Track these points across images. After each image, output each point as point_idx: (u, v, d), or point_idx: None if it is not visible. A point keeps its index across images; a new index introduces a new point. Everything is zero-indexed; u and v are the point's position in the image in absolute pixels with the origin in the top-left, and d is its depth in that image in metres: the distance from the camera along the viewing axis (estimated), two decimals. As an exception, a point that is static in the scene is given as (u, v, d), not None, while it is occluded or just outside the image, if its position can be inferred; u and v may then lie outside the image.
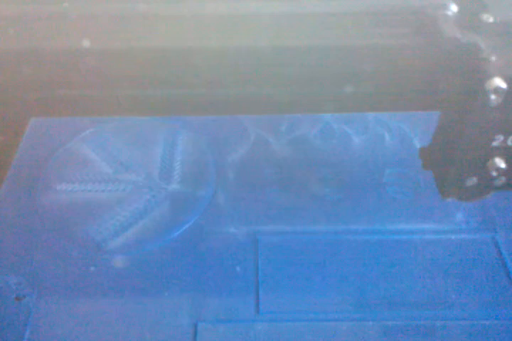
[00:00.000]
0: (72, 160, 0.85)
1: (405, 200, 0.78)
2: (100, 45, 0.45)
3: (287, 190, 0.80)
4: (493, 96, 0.41)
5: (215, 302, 0.67)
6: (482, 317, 0.65)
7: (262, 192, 0.80)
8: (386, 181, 0.80)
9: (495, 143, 0.47)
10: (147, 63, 0.46)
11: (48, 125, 0.91)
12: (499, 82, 0.40)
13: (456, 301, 0.66)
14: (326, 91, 0.48)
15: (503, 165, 0.48)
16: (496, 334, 0.63)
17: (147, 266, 0.71)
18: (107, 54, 0.46)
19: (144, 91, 0.50)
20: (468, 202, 0.76)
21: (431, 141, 0.55)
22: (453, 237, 0.73)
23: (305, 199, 0.78)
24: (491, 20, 0.43)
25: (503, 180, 0.50)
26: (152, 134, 0.88)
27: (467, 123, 0.46)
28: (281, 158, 0.85)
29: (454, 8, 0.44)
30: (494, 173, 0.48)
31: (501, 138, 0.46)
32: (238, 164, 0.84)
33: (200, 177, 0.82)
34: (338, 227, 0.74)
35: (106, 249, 0.73)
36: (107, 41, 0.45)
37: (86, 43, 0.44)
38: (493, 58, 0.42)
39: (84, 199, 0.79)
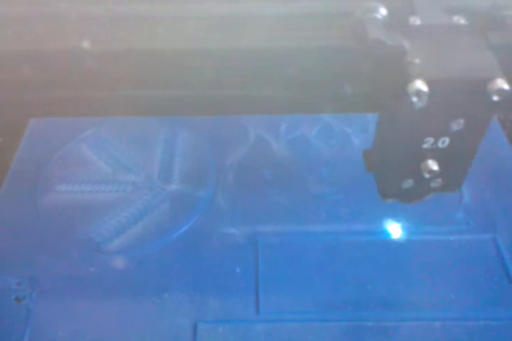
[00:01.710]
0: (72, 161, 0.85)
1: (405, 200, 0.78)
2: (100, 45, 0.45)
3: (287, 190, 0.80)
4: (414, 99, 0.41)
5: (215, 303, 0.67)
6: (482, 317, 0.65)
7: (262, 192, 0.80)
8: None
9: (426, 146, 0.47)
10: (147, 63, 0.47)
11: (47, 125, 0.91)
12: (420, 85, 0.40)
13: (456, 301, 0.66)
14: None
15: (435, 167, 0.48)
16: (496, 334, 0.63)
17: (147, 266, 0.71)
18: (107, 54, 0.46)
19: (143, 91, 0.50)
20: (468, 203, 0.77)
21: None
22: (453, 238, 0.73)
23: (305, 199, 0.78)
24: (418, 22, 0.44)
25: (439, 182, 0.51)
26: (152, 134, 0.88)
27: (396, 126, 0.46)
28: (281, 158, 0.85)
29: (383, 11, 0.44)
30: (427, 175, 0.48)
31: (431, 140, 0.46)
32: (238, 164, 0.84)
33: (199, 178, 0.82)
34: (338, 227, 0.74)
35: (106, 249, 0.73)
36: (107, 41, 0.45)
37: (86, 44, 0.44)
38: (417, 61, 0.42)
39: (84, 199, 0.79)
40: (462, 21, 0.44)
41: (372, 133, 0.54)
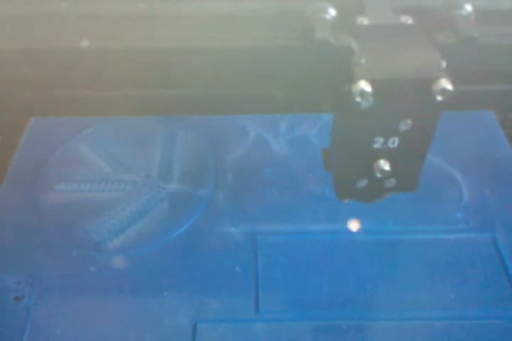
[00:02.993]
0: (72, 160, 0.85)
1: (405, 200, 0.78)
2: (100, 44, 0.45)
3: (287, 189, 0.80)
4: (358, 99, 0.41)
5: (215, 302, 0.66)
6: (481, 317, 0.65)
7: (261, 191, 0.80)
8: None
9: (376, 146, 0.47)
10: (147, 63, 0.46)
11: (47, 125, 0.91)
12: (364, 85, 0.41)
13: (455, 301, 0.66)
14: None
15: (387, 167, 0.48)
16: (496, 334, 0.63)
17: (147, 266, 0.71)
18: (106, 54, 0.46)
19: (143, 91, 0.50)
20: (468, 203, 0.77)
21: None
22: (453, 237, 0.73)
23: (305, 199, 0.78)
24: (366, 22, 0.44)
25: (393, 181, 0.51)
26: (151, 134, 0.88)
27: (345, 126, 0.46)
28: (280, 157, 0.85)
29: (332, 11, 0.44)
30: (379, 175, 0.49)
31: (381, 140, 0.46)
32: (238, 164, 0.84)
33: (199, 177, 0.82)
34: (338, 227, 0.74)
35: (105, 248, 0.73)
36: (106, 41, 0.45)
37: (85, 43, 0.44)
38: (363, 61, 0.42)
39: (83, 199, 0.79)
40: (410, 21, 0.44)
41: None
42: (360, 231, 0.74)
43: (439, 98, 0.41)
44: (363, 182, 0.51)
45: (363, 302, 0.66)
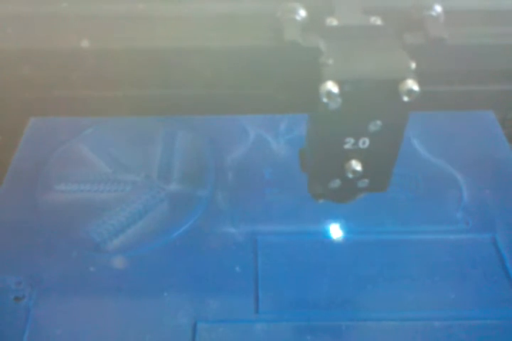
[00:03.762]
0: (72, 160, 0.85)
1: (405, 200, 0.78)
2: (100, 44, 0.45)
3: (287, 189, 0.80)
4: (325, 100, 0.41)
5: (215, 302, 0.66)
6: (481, 317, 0.65)
7: (261, 191, 0.80)
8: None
9: (347, 146, 0.47)
10: (146, 63, 0.46)
11: (47, 125, 0.91)
12: (331, 86, 0.41)
13: (455, 301, 0.66)
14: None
15: (358, 167, 0.48)
16: (496, 334, 0.63)
17: (146, 266, 0.70)
18: (106, 54, 0.46)
19: (143, 91, 0.50)
20: (468, 203, 0.77)
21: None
22: (452, 237, 0.73)
23: (305, 199, 0.78)
24: (335, 23, 0.44)
25: (366, 182, 0.51)
26: (151, 134, 0.88)
27: (317, 127, 0.47)
28: (280, 157, 0.85)
29: (302, 12, 0.44)
30: (351, 176, 0.49)
31: (352, 141, 0.46)
32: (237, 164, 0.84)
33: (199, 177, 0.82)
34: (337, 227, 0.74)
35: (105, 249, 0.73)
36: (106, 41, 0.45)
37: (85, 43, 0.44)
38: (331, 62, 0.42)
39: (83, 199, 0.78)
40: (379, 22, 0.44)
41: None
42: (360, 231, 0.74)
43: (406, 99, 0.41)
44: (336, 183, 0.51)
45: (363, 303, 0.66)
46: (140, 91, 0.50)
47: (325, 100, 0.41)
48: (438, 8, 0.45)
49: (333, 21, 0.44)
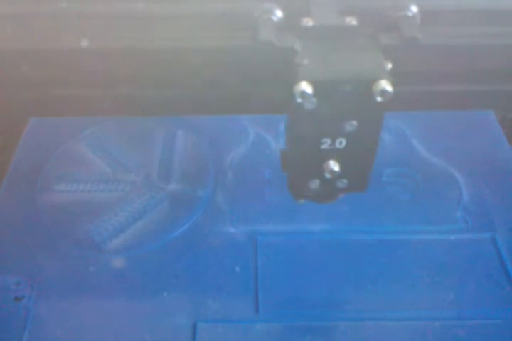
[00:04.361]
0: (72, 160, 0.85)
1: (405, 200, 0.78)
2: (99, 44, 0.45)
3: (287, 190, 0.80)
4: (299, 100, 0.41)
5: (214, 302, 0.66)
6: (481, 316, 0.65)
7: (261, 192, 0.80)
8: (386, 181, 0.80)
9: (324, 146, 0.47)
10: (146, 63, 0.47)
11: (47, 125, 0.91)
12: (305, 87, 0.41)
13: (455, 301, 0.66)
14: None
15: (336, 167, 0.48)
16: (496, 334, 0.63)
17: (146, 266, 0.70)
18: (106, 54, 0.46)
19: (143, 91, 0.50)
20: (468, 202, 0.77)
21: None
22: (452, 237, 0.73)
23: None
24: (311, 23, 0.44)
25: (345, 182, 0.51)
26: (151, 134, 0.88)
27: (294, 127, 0.47)
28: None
29: (278, 12, 0.44)
30: (329, 176, 0.49)
31: (329, 141, 0.46)
32: (237, 164, 0.84)
33: (199, 177, 0.82)
34: (337, 227, 0.74)
35: (105, 248, 0.73)
36: (106, 41, 0.45)
37: (85, 43, 0.44)
38: (306, 62, 0.42)
39: (83, 199, 0.79)
40: (354, 22, 0.44)
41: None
42: (360, 231, 0.74)
43: (379, 99, 0.42)
44: (315, 183, 0.51)
45: (363, 303, 0.66)
46: (140, 91, 0.50)
47: (299, 100, 0.41)
48: (414, 9, 0.45)
49: (309, 22, 0.44)
